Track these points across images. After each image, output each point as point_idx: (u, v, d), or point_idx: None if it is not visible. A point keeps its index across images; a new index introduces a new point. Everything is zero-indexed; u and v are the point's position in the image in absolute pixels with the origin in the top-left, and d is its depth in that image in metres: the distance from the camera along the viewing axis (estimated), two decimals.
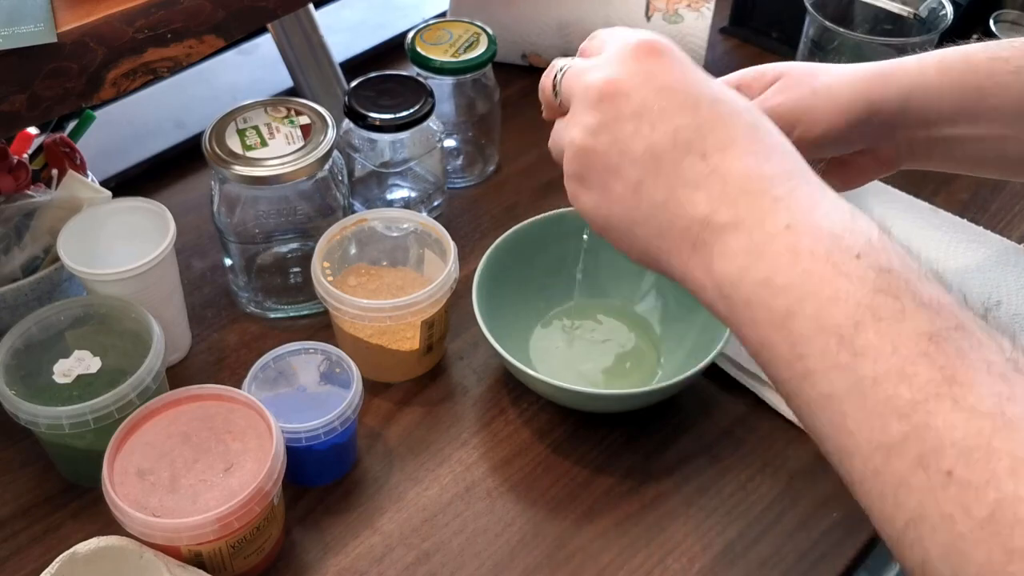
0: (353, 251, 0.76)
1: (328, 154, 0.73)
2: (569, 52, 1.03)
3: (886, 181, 0.85)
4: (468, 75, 0.87)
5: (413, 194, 0.87)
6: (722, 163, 0.46)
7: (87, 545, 0.56)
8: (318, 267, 0.71)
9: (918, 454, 0.38)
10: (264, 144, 0.72)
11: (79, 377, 0.65)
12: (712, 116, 0.47)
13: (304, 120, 0.75)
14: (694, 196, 0.46)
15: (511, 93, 1.02)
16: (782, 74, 0.66)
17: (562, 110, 0.53)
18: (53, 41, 0.57)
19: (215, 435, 0.61)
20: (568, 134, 0.51)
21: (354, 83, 0.82)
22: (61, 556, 0.55)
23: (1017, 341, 0.40)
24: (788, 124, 0.61)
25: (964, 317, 0.41)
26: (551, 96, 0.54)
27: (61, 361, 0.66)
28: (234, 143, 0.72)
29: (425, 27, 0.89)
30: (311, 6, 0.94)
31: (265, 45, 1.05)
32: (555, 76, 0.53)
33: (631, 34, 0.50)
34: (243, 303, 0.80)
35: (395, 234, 0.77)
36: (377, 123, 0.79)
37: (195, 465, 0.60)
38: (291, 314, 0.80)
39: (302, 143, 0.73)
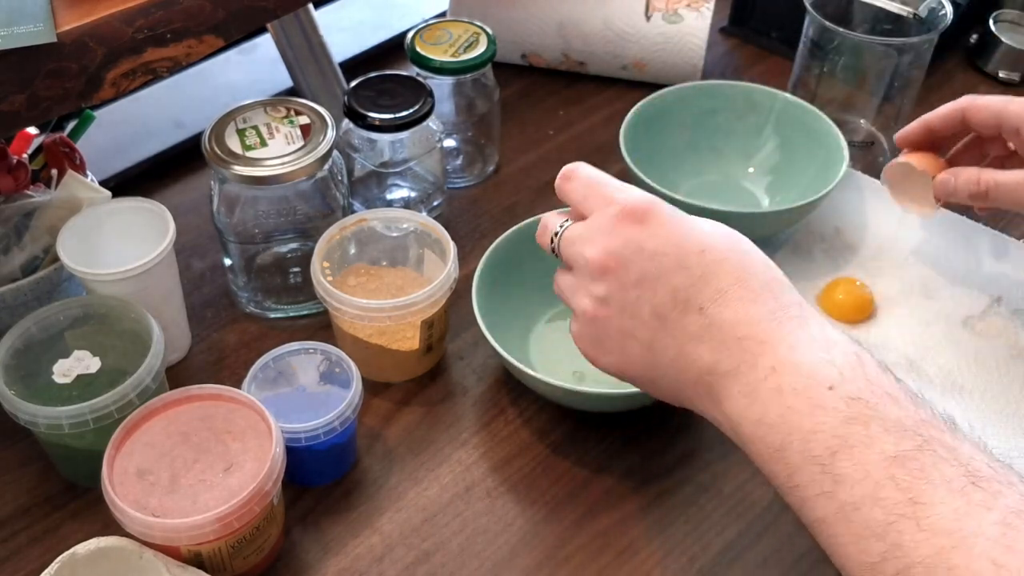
0: (353, 251, 0.76)
1: (328, 154, 0.73)
2: (568, 52, 1.04)
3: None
4: (468, 75, 0.87)
5: (413, 194, 0.87)
6: (717, 314, 0.51)
7: (86, 546, 0.56)
8: (318, 267, 0.71)
9: (895, 571, 0.43)
10: (264, 144, 0.72)
11: (79, 377, 0.65)
12: (702, 270, 0.52)
13: (304, 120, 0.75)
14: (699, 349, 0.51)
15: (511, 93, 1.02)
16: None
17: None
18: (53, 41, 0.57)
19: (215, 435, 0.61)
20: (578, 302, 0.57)
21: (354, 83, 0.82)
22: (61, 557, 0.55)
23: (979, 447, 0.45)
24: None
25: (929, 434, 0.45)
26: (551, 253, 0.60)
27: (61, 361, 0.66)
28: (234, 143, 0.72)
29: (425, 27, 0.89)
30: (311, 6, 0.94)
31: (265, 45, 1.05)
32: (551, 240, 0.59)
33: (613, 197, 0.56)
34: (243, 303, 0.80)
35: (395, 234, 0.77)
36: (377, 123, 0.79)
37: (195, 465, 0.60)
38: (291, 314, 0.80)
39: (302, 143, 0.73)
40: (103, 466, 0.59)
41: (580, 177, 0.59)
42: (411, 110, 0.79)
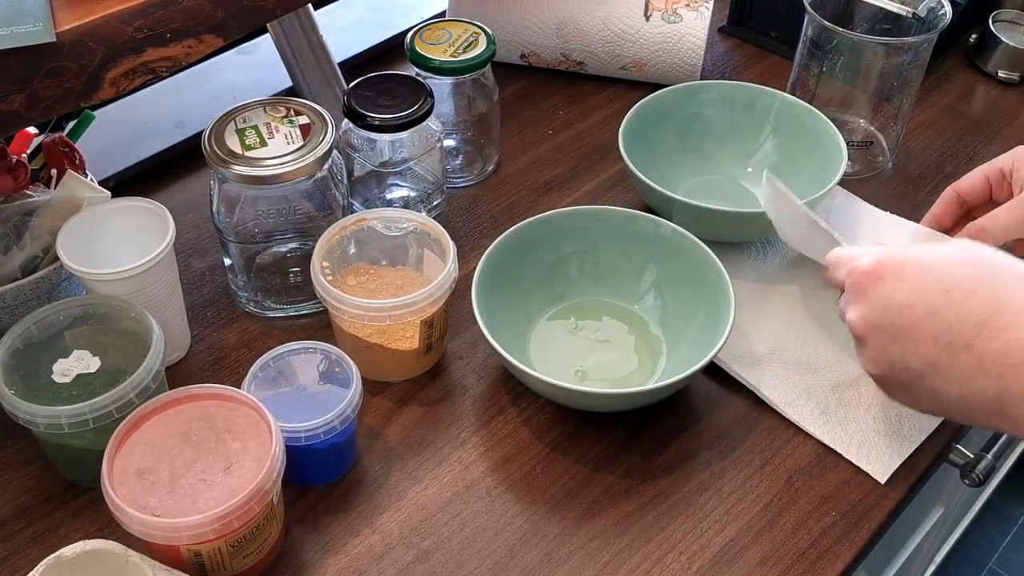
0: (352, 251, 0.76)
1: (327, 154, 0.73)
2: (567, 52, 1.04)
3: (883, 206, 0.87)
4: (467, 75, 0.87)
5: (412, 194, 0.87)
6: (986, 348, 0.52)
7: (73, 548, 0.56)
8: (317, 267, 0.71)
9: None
10: (263, 144, 0.72)
11: (78, 377, 0.65)
12: (952, 311, 0.53)
13: (303, 120, 0.75)
14: (981, 384, 0.52)
15: (510, 93, 1.02)
16: (1020, 159, 0.73)
17: None
18: (52, 41, 0.57)
19: (215, 434, 0.61)
20: (861, 362, 0.60)
21: (353, 83, 0.82)
22: (46, 560, 0.55)
23: None
24: None
25: None
26: None
27: (60, 361, 0.66)
28: (233, 143, 0.72)
29: (424, 27, 0.89)
30: (311, 6, 0.94)
31: (265, 45, 1.05)
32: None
33: (850, 267, 0.59)
34: (242, 303, 0.80)
35: (394, 234, 0.77)
36: (376, 123, 0.79)
37: (195, 465, 0.60)
38: (291, 313, 0.80)
39: (301, 143, 0.73)
40: (103, 466, 0.59)
41: (830, 262, 0.63)
42: (411, 110, 0.79)
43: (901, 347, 0.55)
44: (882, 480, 0.69)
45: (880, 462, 0.70)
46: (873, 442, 0.71)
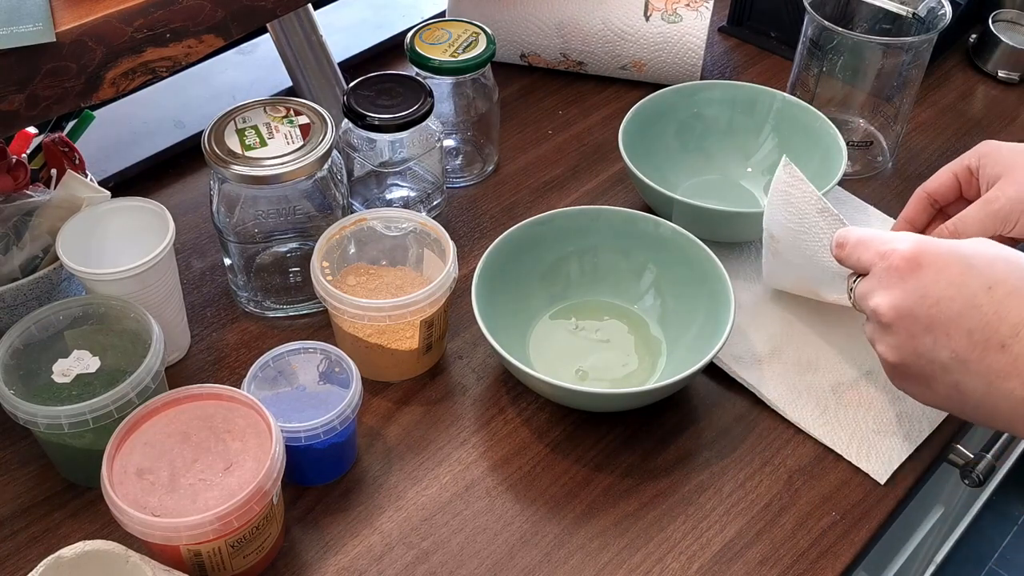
0: (352, 251, 0.76)
1: (327, 154, 0.73)
2: (567, 52, 1.04)
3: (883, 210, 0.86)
4: (467, 75, 0.87)
5: (412, 194, 0.87)
6: (1023, 349, 0.51)
7: (72, 549, 0.56)
8: (317, 267, 0.71)
9: None
10: (263, 144, 0.72)
11: (78, 377, 0.65)
12: (993, 308, 0.52)
13: (303, 120, 0.75)
14: (1009, 384, 0.52)
15: (510, 93, 1.02)
16: (985, 156, 0.72)
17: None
18: (52, 41, 0.57)
19: (214, 434, 0.61)
20: (880, 351, 0.59)
21: (353, 83, 0.82)
22: (46, 560, 0.55)
23: None
24: None
25: None
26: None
27: (60, 361, 0.66)
28: (233, 143, 0.72)
29: (424, 27, 0.89)
30: (310, 6, 0.94)
31: (265, 45, 1.05)
32: (849, 293, 0.63)
33: (884, 250, 0.57)
34: (242, 302, 0.80)
35: (394, 234, 0.77)
36: (376, 123, 0.79)
37: (194, 464, 0.60)
38: (290, 313, 0.80)
39: (301, 143, 0.73)
40: (103, 466, 0.59)
41: (850, 241, 0.61)
42: (411, 110, 0.79)
43: (932, 339, 0.54)
44: (882, 480, 0.69)
45: (880, 462, 0.70)
46: (873, 442, 0.71)
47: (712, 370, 0.75)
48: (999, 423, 0.55)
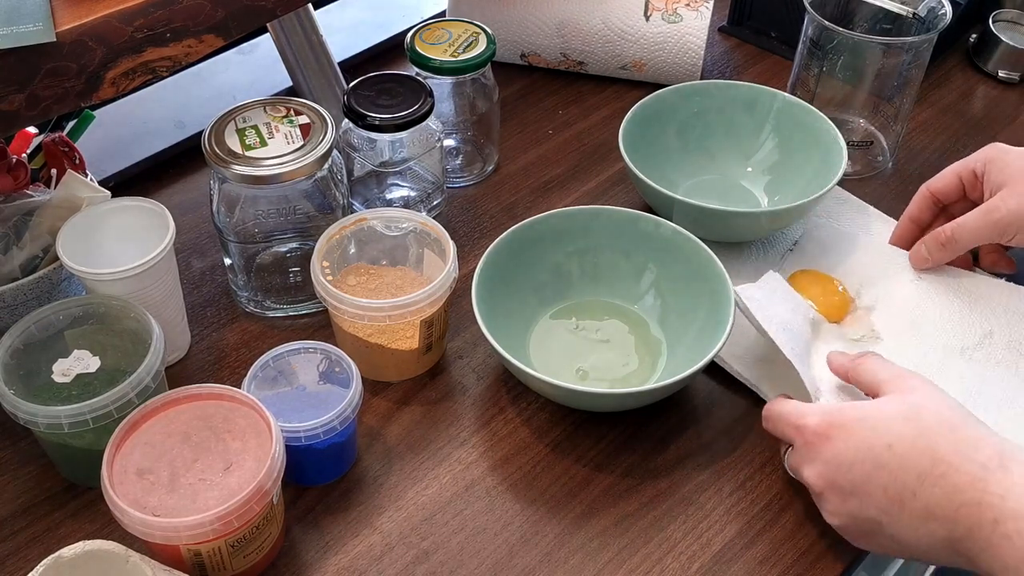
0: (352, 250, 0.76)
1: (327, 154, 0.73)
2: (567, 52, 1.04)
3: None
4: (467, 75, 0.87)
5: (412, 194, 0.87)
6: (929, 495, 0.55)
7: (72, 549, 0.55)
8: (317, 266, 0.71)
9: None
10: (263, 144, 0.72)
11: (78, 376, 0.65)
12: (898, 463, 0.57)
13: (303, 120, 0.75)
14: (931, 527, 0.56)
15: (510, 93, 1.02)
16: (991, 161, 0.74)
17: None
18: (52, 40, 0.57)
19: (215, 434, 0.61)
20: (824, 516, 0.62)
21: (353, 83, 0.82)
22: (45, 560, 0.55)
23: None
24: None
25: None
26: None
27: (60, 360, 0.66)
28: (233, 143, 0.72)
29: (424, 27, 0.89)
30: (311, 6, 0.94)
31: (265, 45, 1.05)
32: (784, 460, 0.67)
33: (798, 425, 0.62)
34: (242, 302, 0.80)
35: (394, 233, 0.77)
36: (376, 123, 0.79)
37: (194, 464, 0.60)
38: (290, 313, 0.80)
39: (301, 143, 0.73)
40: (103, 465, 0.59)
41: (771, 416, 0.65)
42: (411, 110, 0.79)
43: (858, 500, 0.58)
44: None
45: None
46: None
47: (712, 370, 0.75)
48: (944, 561, 0.57)
